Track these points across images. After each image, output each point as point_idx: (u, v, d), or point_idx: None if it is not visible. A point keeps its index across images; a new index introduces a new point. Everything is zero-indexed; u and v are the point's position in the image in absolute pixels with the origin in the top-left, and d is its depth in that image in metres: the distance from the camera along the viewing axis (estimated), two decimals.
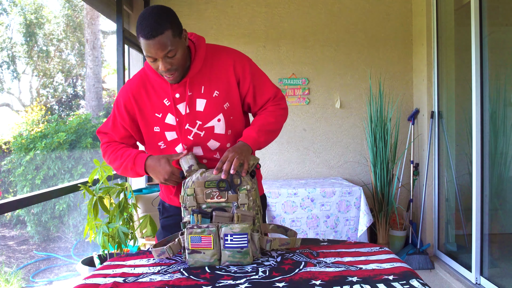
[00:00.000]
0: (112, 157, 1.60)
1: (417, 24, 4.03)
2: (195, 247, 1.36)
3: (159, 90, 1.55)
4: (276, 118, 1.62)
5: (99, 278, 1.31)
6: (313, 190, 3.41)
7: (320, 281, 1.23)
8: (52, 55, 9.88)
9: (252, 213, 1.43)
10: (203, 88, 1.54)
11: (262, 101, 1.63)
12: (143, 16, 1.38)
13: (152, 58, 1.40)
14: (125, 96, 1.58)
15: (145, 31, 1.35)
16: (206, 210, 1.43)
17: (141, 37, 1.37)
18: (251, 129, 1.57)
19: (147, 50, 1.38)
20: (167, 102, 1.54)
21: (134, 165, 1.53)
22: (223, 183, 1.42)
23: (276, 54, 4.13)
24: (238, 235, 1.36)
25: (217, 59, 1.56)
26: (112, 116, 1.62)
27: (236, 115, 1.60)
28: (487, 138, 3.03)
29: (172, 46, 1.38)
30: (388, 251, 1.50)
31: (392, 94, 4.13)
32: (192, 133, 1.55)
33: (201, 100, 1.54)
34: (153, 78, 1.54)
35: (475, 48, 3.06)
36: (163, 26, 1.36)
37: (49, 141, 5.73)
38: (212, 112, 1.54)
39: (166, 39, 1.36)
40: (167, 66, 1.41)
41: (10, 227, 6.53)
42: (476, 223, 3.05)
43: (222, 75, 1.55)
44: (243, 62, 1.58)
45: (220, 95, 1.55)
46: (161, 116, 1.55)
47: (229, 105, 1.57)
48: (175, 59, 1.42)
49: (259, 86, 1.61)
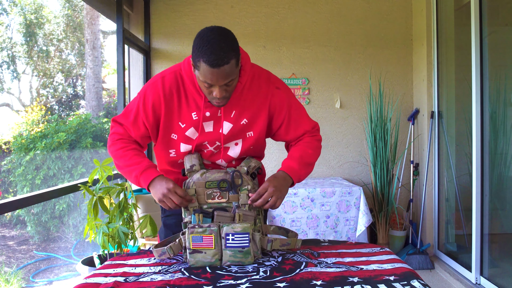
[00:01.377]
0: (119, 152, 1.51)
1: (417, 24, 4.03)
2: (197, 246, 1.37)
3: (191, 101, 1.48)
4: (314, 150, 1.60)
5: (100, 278, 1.31)
6: (313, 190, 3.41)
7: (321, 282, 1.23)
8: (52, 55, 9.88)
9: (253, 213, 1.43)
10: (233, 113, 1.50)
11: (296, 134, 1.60)
12: (207, 39, 1.29)
13: (209, 84, 1.34)
14: (155, 94, 1.49)
15: (211, 58, 1.27)
16: (207, 210, 1.44)
17: (204, 63, 1.28)
18: (292, 160, 1.56)
19: (207, 78, 1.31)
20: (195, 116, 1.48)
21: (140, 175, 1.46)
22: (224, 184, 1.42)
23: (276, 54, 4.13)
24: (240, 235, 1.36)
25: (257, 85, 1.51)
26: (135, 111, 1.52)
27: (256, 145, 1.59)
28: (487, 138, 3.03)
29: (233, 75, 1.34)
30: (389, 251, 1.51)
31: (392, 94, 4.13)
32: (207, 149, 1.54)
33: (228, 124, 1.50)
34: (188, 87, 1.48)
35: (475, 48, 3.06)
36: (229, 55, 1.29)
37: (49, 141, 5.72)
38: (234, 137, 1.53)
39: (230, 69, 1.30)
40: (222, 93, 1.36)
41: (10, 227, 6.53)
42: (476, 223, 3.05)
43: (255, 105, 1.51)
44: (281, 94, 1.54)
45: (247, 123, 1.52)
46: (184, 127, 1.50)
47: (252, 135, 1.54)
48: (231, 87, 1.38)
49: (295, 121, 1.58)
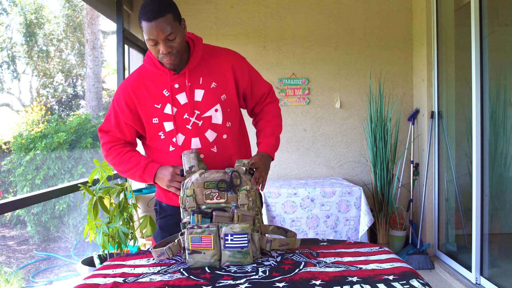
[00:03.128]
0: (117, 160, 1.62)
1: (417, 24, 4.03)
2: (196, 247, 1.36)
3: (158, 81, 1.59)
4: (279, 117, 1.78)
5: (99, 278, 1.31)
6: (313, 190, 3.41)
7: (320, 281, 1.23)
8: (52, 55, 9.88)
9: (252, 213, 1.43)
10: (201, 79, 1.60)
11: (258, 95, 1.74)
12: (145, 2, 1.46)
13: (153, 41, 1.46)
14: (124, 92, 1.61)
15: (148, 14, 1.42)
16: (206, 210, 1.43)
17: (143, 21, 1.43)
18: (269, 138, 1.69)
19: (149, 33, 1.44)
20: (166, 93, 1.58)
21: (143, 173, 1.58)
22: (223, 184, 1.42)
23: (276, 54, 4.13)
24: (239, 235, 1.36)
25: (215, 56, 1.65)
26: (113, 115, 1.63)
27: (233, 108, 1.67)
28: (487, 138, 3.03)
29: (172, 29, 1.45)
30: (388, 251, 1.50)
31: (392, 94, 4.13)
32: (191, 123, 1.59)
33: (200, 91, 1.59)
34: (152, 71, 1.60)
35: (475, 48, 3.06)
36: (164, 10, 1.43)
37: (49, 141, 5.72)
38: (210, 102, 1.60)
39: (167, 22, 1.43)
40: (167, 49, 1.47)
41: (10, 227, 6.53)
42: (476, 223, 3.05)
43: (220, 70, 1.63)
44: (240, 60, 1.68)
45: (217, 86, 1.62)
46: (160, 107, 1.59)
47: (226, 97, 1.63)
48: (175, 42, 1.48)
49: (256, 82, 1.73)
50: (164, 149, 1.62)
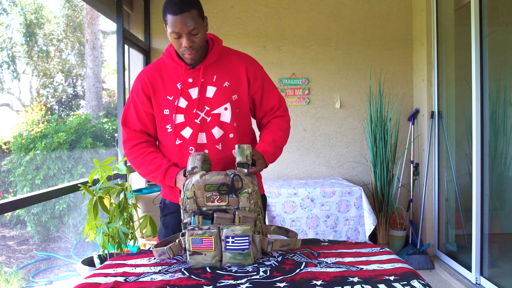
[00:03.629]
0: (138, 160, 1.65)
1: (417, 24, 4.03)
2: (196, 248, 1.36)
3: (174, 74, 1.64)
4: (284, 132, 1.73)
5: (100, 277, 1.31)
6: (313, 190, 3.41)
7: (321, 281, 1.23)
8: (52, 55, 9.88)
9: (254, 215, 1.41)
10: (215, 77, 1.64)
11: (267, 106, 1.73)
12: None
13: (176, 34, 1.52)
14: (141, 80, 1.66)
15: (174, 8, 1.48)
16: (207, 212, 1.42)
17: (169, 14, 1.49)
18: (267, 144, 1.66)
19: (173, 26, 1.49)
20: (179, 86, 1.63)
21: (164, 178, 1.61)
22: (224, 187, 1.39)
23: (276, 54, 4.13)
24: (240, 237, 1.36)
25: (232, 58, 1.70)
26: (132, 106, 1.68)
27: (243, 109, 1.68)
28: (487, 138, 3.03)
29: (196, 25, 1.51)
30: (389, 251, 1.51)
31: (392, 94, 4.13)
32: (200, 117, 1.62)
33: (212, 88, 1.64)
34: (169, 64, 1.65)
35: (475, 48, 3.06)
36: (190, 5, 1.50)
37: (49, 141, 5.72)
38: (220, 100, 1.63)
39: (192, 17, 1.50)
40: (190, 43, 1.53)
41: (10, 227, 6.53)
42: (476, 223, 3.05)
43: (234, 71, 1.67)
44: (255, 65, 1.72)
45: (230, 86, 1.65)
46: (172, 99, 1.63)
47: (237, 97, 1.66)
48: (197, 37, 1.54)
49: (267, 91, 1.73)
50: (170, 142, 1.65)
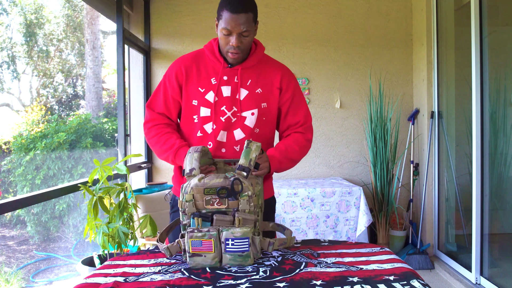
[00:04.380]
0: (154, 139, 1.67)
1: (417, 24, 4.03)
2: (196, 250, 1.36)
3: (210, 69, 1.67)
4: (300, 148, 1.71)
5: (100, 278, 1.31)
6: (313, 190, 3.41)
7: (320, 281, 1.23)
8: (52, 55, 9.88)
9: (253, 217, 1.40)
10: (250, 81, 1.66)
11: (293, 120, 1.72)
12: None
13: (228, 31, 1.53)
14: (177, 67, 1.68)
15: (233, 6, 1.50)
16: (206, 214, 1.41)
17: (226, 10, 1.51)
18: (276, 151, 1.65)
19: (227, 23, 1.51)
20: (213, 81, 1.65)
21: (175, 158, 1.62)
22: (223, 191, 1.37)
23: (276, 54, 4.13)
24: (240, 239, 1.34)
25: (271, 66, 1.71)
26: (162, 89, 1.70)
27: (269, 118, 1.69)
28: (487, 138, 3.03)
29: (249, 27, 1.54)
30: (388, 251, 1.51)
31: (392, 94, 4.13)
32: (225, 116, 1.64)
33: (244, 91, 1.66)
34: (208, 57, 1.67)
35: (475, 48, 3.06)
36: (249, 7, 1.53)
37: (49, 141, 5.72)
38: (249, 104, 1.65)
39: (247, 19, 1.53)
40: (238, 43, 1.55)
41: (10, 227, 6.53)
42: (476, 223, 3.05)
43: (269, 80, 1.69)
44: (290, 77, 1.73)
45: (261, 93, 1.67)
46: (203, 91, 1.65)
47: (266, 106, 1.67)
48: (246, 39, 1.57)
49: (296, 104, 1.73)
50: (193, 133, 1.67)
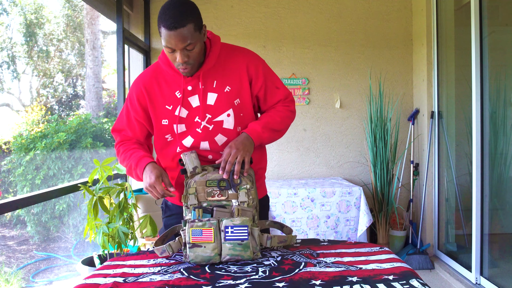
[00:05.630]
0: (122, 156, 1.60)
1: (417, 24, 4.03)
2: (196, 240, 1.38)
3: (172, 82, 1.56)
4: (282, 118, 1.65)
5: (99, 278, 1.31)
6: (313, 190, 3.41)
7: (320, 281, 1.23)
8: (52, 55, 9.88)
9: (252, 210, 1.45)
10: (215, 82, 1.55)
11: (272, 101, 1.66)
12: (166, 6, 1.40)
13: (170, 49, 1.42)
14: (137, 88, 1.58)
15: (168, 22, 1.36)
16: (207, 207, 1.46)
17: (163, 27, 1.38)
18: (257, 123, 1.59)
19: (167, 41, 1.39)
20: (178, 94, 1.55)
21: (136, 166, 1.53)
22: (224, 182, 1.46)
23: (276, 54, 4.13)
24: (239, 227, 1.38)
25: (232, 57, 1.59)
26: (125, 112, 1.62)
27: (246, 112, 1.61)
28: (487, 138, 3.03)
29: (192, 39, 1.40)
30: (388, 251, 1.51)
31: (392, 94, 4.13)
32: (201, 126, 1.56)
33: (213, 94, 1.55)
34: (166, 71, 1.56)
35: (475, 48, 3.06)
36: (186, 19, 1.38)
37: (49, 141, 5.72)
38: (222, 106, 1.56)
39: (187, 32, 1.38)
40: (184, 59, 1.43)
41: (10, 227, 6.53)
42: (476, 223, 3.05)
43: (235, 73, 1.57)
44: (256, 62, 1.61)
45: (231, 91, 1.56)
46: (171, 108, 1.55)
47: (240, 102, 1.58)
48: (193, 52, 1.44)
49: (271, 87, 1.64)
50: (171, 150, 1.59)
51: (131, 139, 1.63)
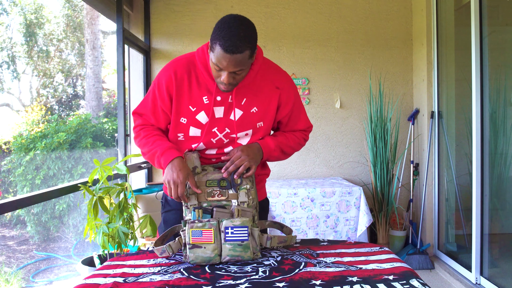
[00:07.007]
0: (144, 141, 1.56)
1: (417, 24, 4.03)
2: (196, 241, 1.38)
3: (203, 85, 1.50)
4: (295, 144, 1.67)
5: (99, 278, 1.31)
6: (313, 190, 3.41)
7: (320, 281, 1.23)
8: (52, 55, 9.88)
9: (252, 210, 1.45)
10: (244, 100, 1.52)
11: (293, 128, 1.68)
12: (228, 24, 1.33)
13: (219, 68, 1.37)
14: (168, 76, 1.51)
15: (226, 44, 1.30)
16: (207, 208, 1.46)
17: (219, 46, 1.31)
18: (272, 140, 1.60)
19: (218, 60, 1.34)
20: (206, 100, 1.50)
21: (161, 155, 1.48)
22: (224, 182, 1.46)
23: (276, 54, 4.13)
24: (239, 228, 1.38)
25: (267, 78, 1.55)
26: (151, 98, 1.56)
27: (264, 134, 1.61)
28: (487, 138, 3.03)
29: (244, 66, 1.37)
30: (388, 251, 1.51)
31: (392, 94, 4.13)
32: (217, 138, 1.54)
33: (239, 111, 1.52)
34: (201, 71, 1.50)
35: (475, 48, 3.06)
36: (244, 46, 1.32)
37: (49, 141, 5.72)
38: (244, 125, 1.54)
39: (242, 58, 1.34)
40: (230, 80, 1.40)
41: (10, 227, 6.53)
42: (476, 223, 3.05)
43: (266, 95, 1.54)
44: (290, 90, 1.59)
45: (257, 112, 1.54)
46: (194, 111, 1.51)
47: (262, 125, 1.57)
48: (239, 76, 1.41)
49: (296, 117, 1.65)
50: (180, 149, 1.58)
51: (153, 125, 1.60)
